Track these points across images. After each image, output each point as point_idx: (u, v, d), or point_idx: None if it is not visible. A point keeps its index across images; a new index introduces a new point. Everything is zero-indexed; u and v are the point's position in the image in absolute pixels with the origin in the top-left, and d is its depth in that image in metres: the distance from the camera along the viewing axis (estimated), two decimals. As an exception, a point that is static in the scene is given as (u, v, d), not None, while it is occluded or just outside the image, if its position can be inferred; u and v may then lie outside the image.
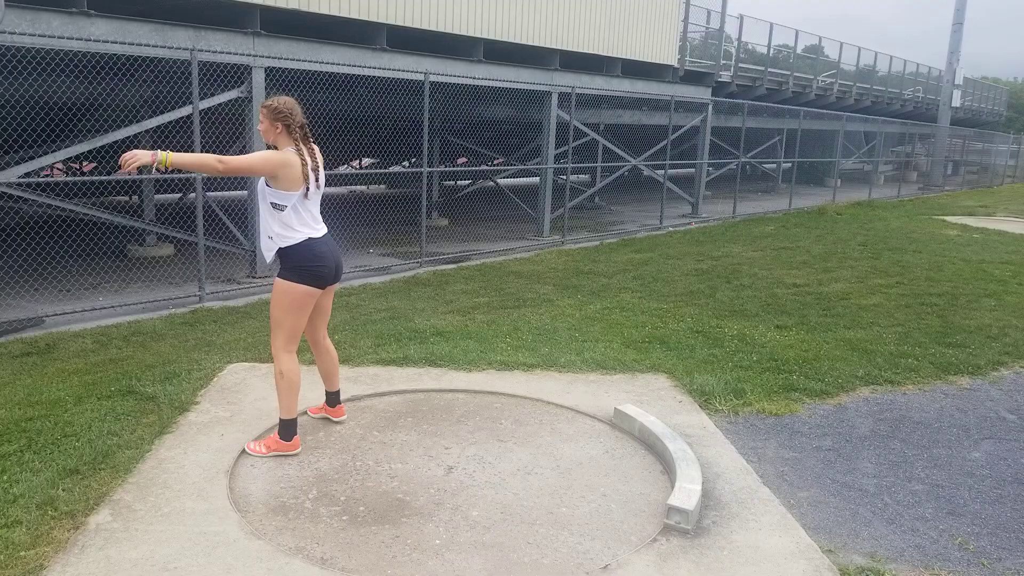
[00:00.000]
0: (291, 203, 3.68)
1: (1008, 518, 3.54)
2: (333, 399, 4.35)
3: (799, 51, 22.44)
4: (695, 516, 3.31)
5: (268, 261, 3.89)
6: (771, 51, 20.93)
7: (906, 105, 29.85)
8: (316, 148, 3.82)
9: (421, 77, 9.36)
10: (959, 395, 5.21)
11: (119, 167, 3.44)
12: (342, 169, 19.15)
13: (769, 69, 20.56)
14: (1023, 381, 5.54)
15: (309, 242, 3.75)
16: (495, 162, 16.55)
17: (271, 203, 3.70)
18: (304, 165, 3.67)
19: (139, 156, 3.41)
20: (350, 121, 11.21)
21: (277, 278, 3.80)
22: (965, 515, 3.56)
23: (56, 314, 6.68)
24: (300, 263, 3.74)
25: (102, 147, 7.49)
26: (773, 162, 22.00)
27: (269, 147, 3.79)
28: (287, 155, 3.65)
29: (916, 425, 4.64)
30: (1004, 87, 54.19)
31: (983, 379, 5.55)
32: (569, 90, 11.88)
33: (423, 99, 9.29)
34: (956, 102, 29.01)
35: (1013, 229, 15.24)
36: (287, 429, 3.91)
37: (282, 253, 3.76)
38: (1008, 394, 5.26)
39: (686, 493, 3.39)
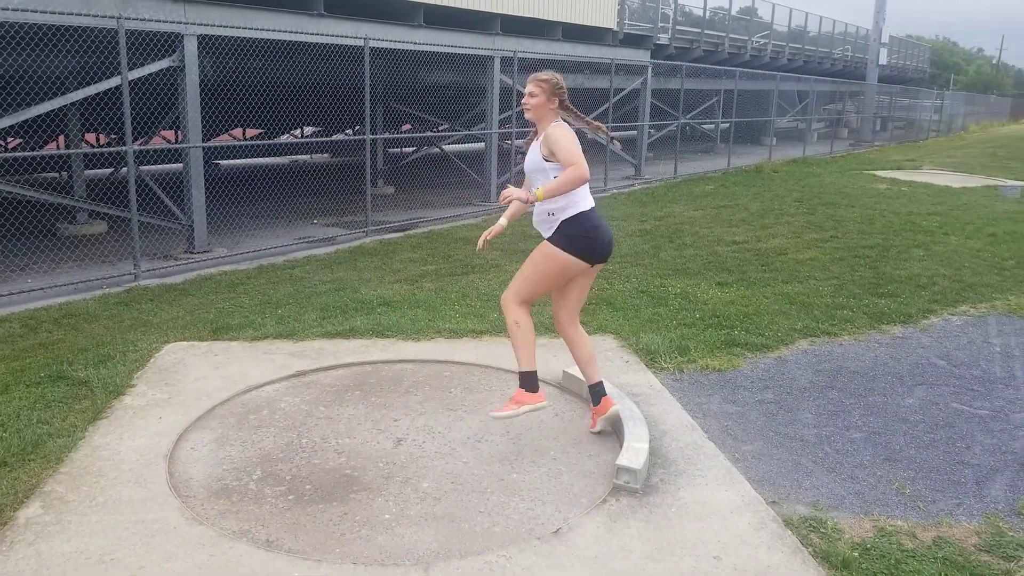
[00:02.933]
0: None
1: (941, 461, 3.69)
2: (596, 393, 3.86)
3: (734, 13, 22.65)
4: (643, 475, 3.35)
5: (547, 235, 3.70)
6: (707, 13, 21.11)
7: (836, 64, 30.51)
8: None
9: (361, 43, 9.10)
10: (892, 344, 5.39)
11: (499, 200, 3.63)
12: (284, 138, 18.62)
13: (705, 31, 20.70)
14: (952, 328, 5.76)
15: (591, 212, 3.64)
16: (440, 128, 16.30)
17: (554, 177, 3.57)
18: None
19: (515, 193, 3.57)
20: (290, 89, 10.85)
21: (549, 242, 3.66)
22: (901, 460, 3.69)
23: (-22, 299, 6.36)
24: (580, 232, 3.60)
25: (27, 121, 7.09)
26: (712, 123, 22.25)
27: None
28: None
29: (853, 374, 4.79)
30: (927, 45, 55.77)
31: (914, 327, 5.75)
32: (511, 54, 11.71)
33: (364, 66, 9.05)
34: (883, 60, 29.74)
35: (938, 181, 15.77)
36: (528, 381, 3.69)
37: (565, 223, 3.62)
38: (938, 341, 5.47)
39: (634, 452, 3.43)
